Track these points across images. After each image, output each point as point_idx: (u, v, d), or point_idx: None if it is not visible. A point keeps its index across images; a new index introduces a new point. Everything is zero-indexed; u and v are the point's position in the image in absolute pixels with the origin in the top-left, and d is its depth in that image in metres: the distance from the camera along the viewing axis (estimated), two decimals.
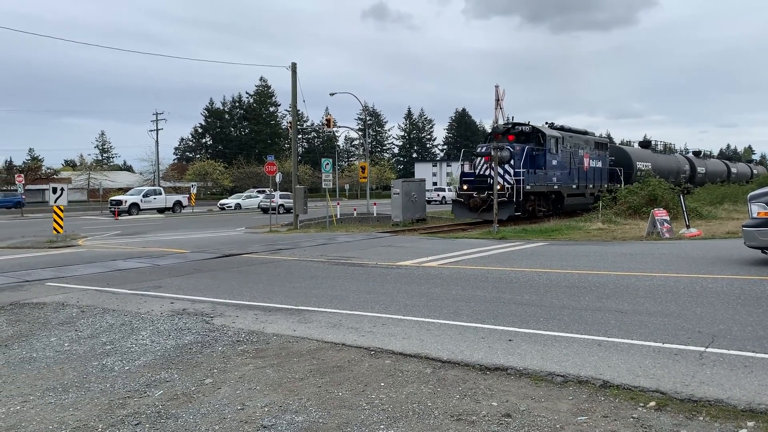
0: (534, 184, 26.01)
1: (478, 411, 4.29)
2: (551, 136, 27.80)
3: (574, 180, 29.94)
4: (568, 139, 29.94)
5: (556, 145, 28.04)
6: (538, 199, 27.16)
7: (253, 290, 9.62)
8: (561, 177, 28.56)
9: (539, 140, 27.21)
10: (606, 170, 33.99)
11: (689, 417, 4.06)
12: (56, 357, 6.05)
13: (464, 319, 7.12)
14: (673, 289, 8.61)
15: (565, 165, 29.17)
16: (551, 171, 27.65)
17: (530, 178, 25.70)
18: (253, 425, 4.15)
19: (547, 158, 27.27)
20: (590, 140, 33.08)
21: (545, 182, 27.15)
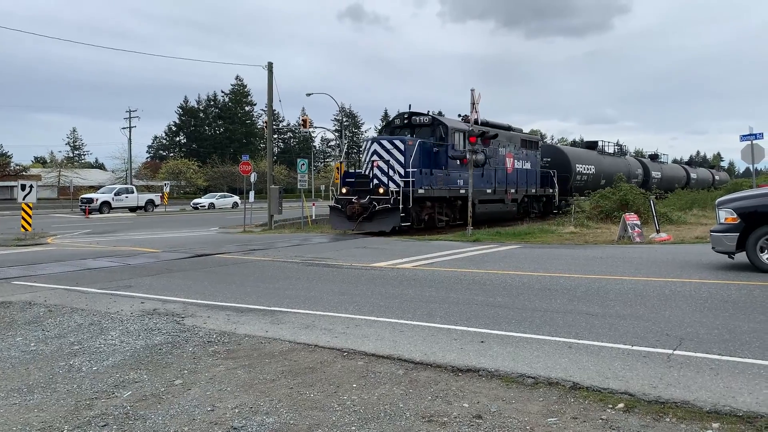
0: (429, 188, 21.63)
1: (450, 412, 4.30)
2: (455, 130, 23.39)
3: (490, 183, 25.66)
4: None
5: (463, 141, 23.25)
6: (439, 206, 23.01)
7: (225, 291, 9.54)
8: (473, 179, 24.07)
9: (441, 134, 23.00)
10: (537, 173, 30.25)
11: (656, 418, 4.12)
12: (22, 357, 5.92)
13: (437, 321, 7.14)
14: (643, 293, 8.74)
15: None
16: (456, 171, 23.18)
17: (425, 179, 21.45)
18: (223, 426, 4.11)
19: (450, 155, 22.97)
20: (515, 137, 28.98)
21: (447, 185, 22.73)
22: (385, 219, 20.31)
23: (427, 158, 22.22)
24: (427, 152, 22.35)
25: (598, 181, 35.26)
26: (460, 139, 23.46)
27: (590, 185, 34.35)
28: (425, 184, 21.40)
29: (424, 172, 21.53)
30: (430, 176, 21.80)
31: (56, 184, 74.94)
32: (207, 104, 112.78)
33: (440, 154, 22.81)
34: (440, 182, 22.42)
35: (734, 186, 39.99)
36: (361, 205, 20.65)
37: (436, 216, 22.79)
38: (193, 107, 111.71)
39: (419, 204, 21.43)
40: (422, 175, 21.30)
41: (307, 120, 40.88)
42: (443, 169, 22.73)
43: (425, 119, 23.20)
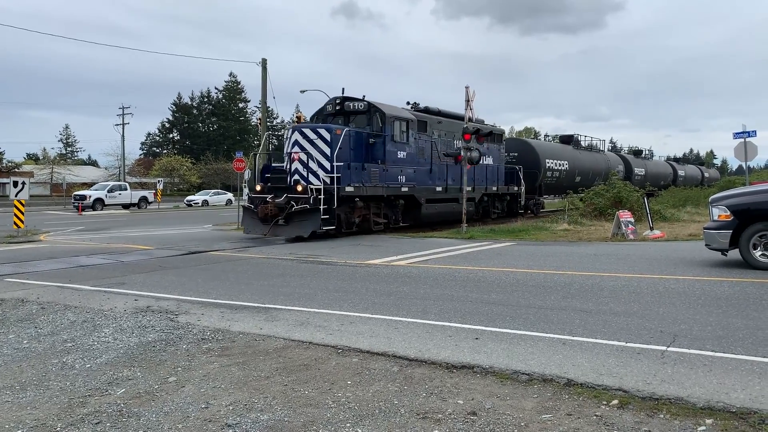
0: (361, 185, 18.54)
1: (444, 409, 4.30)
2: (394, 118, 20.27)
3: (441, 180, 22.86)
4: (434, 125, 22.96)
5: (405, 132, 20.72)
6: (375, 206, 20.05)
7: (219, 288, 9.51)
8: (416, 175, 21.31)
9: (377, 123, 19.92)
10: (500, 169, 27.25)
11: (650, 415, 4.13)
12: (14, 354, 5.89)
13: (432, 318, 7.14)
14: (637, 290, 8.77)
15: (424, 159, 21.95)
16: (397, 167, 20.29)
17: (355, 175, 18.43)
18: (217, 424, 4.10)
19: (389, 148, 19.94)
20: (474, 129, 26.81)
21: (384, 182, 19.65)
22: (303, 222, 17.26)
23: (361, 151, 19.19)
24: (361, 144, 19.31)
25: (572, 177, 33.58)
26: (402, 128, 20.56)
27: (563, 182, 32.78)
28: (355, 181, 18.35)
29: (355, 167, 18.46)
30: (361, 172, 18.70)
31: (49, 181, 74.63)
32: (201, 101, 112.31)
33: (377, 146, 19.70)
34: (376, 178, 19.23)
35: (727, 183, 40.17)
36: (276, 206, 17.41)
37: (371, 218, 19.71)
38: (186, 104, 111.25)
39: (349, 204, 18.55)
40: (351, 170, 18.26)
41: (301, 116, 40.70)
42: (380, 164, 19.55)
43: (360, 105, 20.02)
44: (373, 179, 19.14)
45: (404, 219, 21.44)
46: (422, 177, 21.66)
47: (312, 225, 17.19)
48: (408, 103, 22.91)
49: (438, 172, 22.69)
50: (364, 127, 19.82)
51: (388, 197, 20.25)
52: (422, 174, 21.71)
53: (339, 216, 17.98)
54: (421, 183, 21.54)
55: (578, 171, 34.13)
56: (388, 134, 19.88)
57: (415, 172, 21.23)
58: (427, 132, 22.29)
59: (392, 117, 20.21)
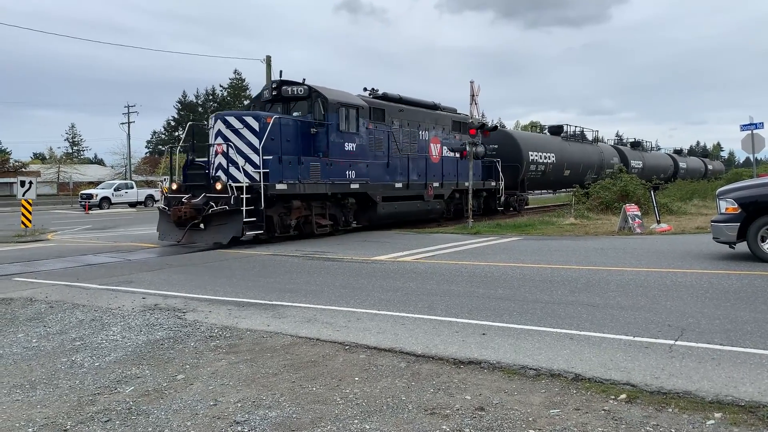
0: (297, 181, 16.07)
1: (452, 405, 4.30)
2: (339, 105, 17.75)
3: (401, 175, 20.54)
4: (393, 114, 20.54)
5: (355, 121, 18.31)
6: (319, 206, 17.53)
7: (226, 285, 9.54)
8: (369, 170, 18.93)
9: (320, 110, 17.42)
10: (476, 163, 24.40)
11: (659, 409, 4.12)
12: (24, 353, 5.92)
13: (438, 314, 7.14)
14: (644, 283, 8.74)
15: (381, 152, 19.61)
16: (345, 160, 17.94)
17: (289, 170, 15.90)
18: (225, 421, 4.11)
19: (334, 140, 17.47)
20: (443, 118, 23.61)
21: (328, 177, 17.23)
22: (222, 226, 14.85)
23: (299, 142, 16.80)
24: (299, 134, 16.88)
25: (561, 171, 31.76)
26: (350, 117, 18.13)
27: (550, 176, 31.10)
28: (289, 177, 15.87)
29: (288, 161, 15.94)
30: (298, 166, 16.18)
31: (55, 180, 74.85)
32: (206, 98, 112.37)
33: (319, 137, 17.25)
34: (317, 174, 16.79)
35: (735, 176, 39.96)
36: (192, 207, 14.80)
37: (313, 219, 17.26)
38: (191, 102, 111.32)
39: (284, 204, 16.27)
40: (284, 165, 15.75)
41: None
42: (322, 157, 17.16)
43: (299, 90, 17.57)
44: (313, 175, 16.69)
45: (358, 220, 19.25)
46: (378, 172, 19.32)
47: (232, 230, 14.80)
48: (365, 89, 20.81)
49: (398, 166, 20.48)
50: (305, 116, 17.52)
51: (335, 195, 17.85)
52: (378, 169, 19.34)
53: (271, 218, 15.81)
54: (377, 179, 19.22)
55: (567, 164, 32.11)
56: (332, 123, 17.40)
57: (368, 166, 18.84)
58: (385, 121, 19.96)
59: (337, 103, 17.68)
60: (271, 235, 15.92)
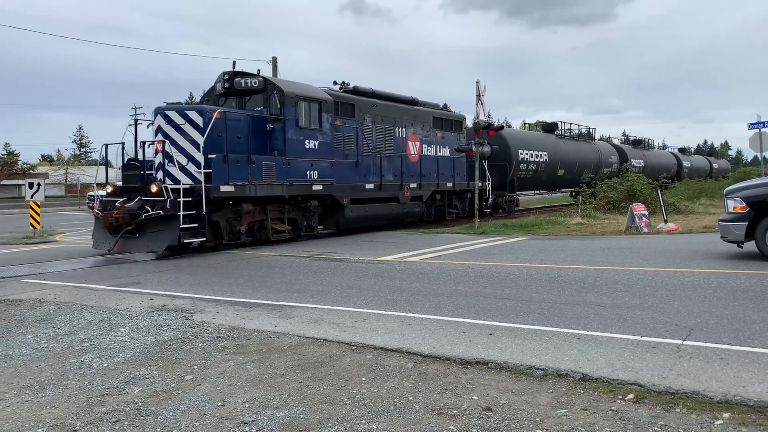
0: (247, 183, 14.60)
1: (459, 405, 4.31)
2: (298, 98, 16.13)
3: (374, 175, 19.11)
4: (365, 109, 19.02)
5: (317, 116, 16.71)
6: (276, 210, 15.93)
7: (233, 286, 9.57)
8: (335, 170, 17.37)
9: (276, 105, 15.77)
10: (461, 162, 23.48)
11: (666, 409, 4.11)
12: (33, 354, 5.96)
13: (445, 314, 7.14)
14: (652, 283, 8.72)
15: (350, 150, 18.18)
16: (305, 159, 16.33)
17: (237, 170, 14.42)
18: (233, 421, 4.13)
19: (292, 136, 15.87)
20: (422, 114, 21.93)
21: (285, 178, 15.67)
22: (158, 233, 13.33)
23: (251, 139, 15.29)
24: (251, 131, 15.35)
25: (554, 171, 30.43)
26: (311, 112, 16.50)
27: (542, 176, 29.74)
28: (237, 178, 14.39)
29: (236, 160, 14.44)
30: (248, 166, 14.66)
31: (63, 181, 75.24)
32: None
33: (276, 134, 15.67)
34: (271, 174, 15.25)
35: (743, 175, 39.78)
36: (126, 212, 13.34)
37: (269, 225, 15.62)
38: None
39: (233, 208, 14.81)
40: (231, 164, 14.28)
41: None
42: (277, 155, 15.59)
43: (253, 82, 15.93)
44: (266, 175, 15.14)
45: (325, 224, 18.03)
46: (345, 172, 17.79)
47: (167, 237, 13.20)
48: (335, 83, 19.51)
49: (371, 165, 19.01)
50: (261, 110, 15.98)
51: (294, 198, 16.29)
52: (345, 168, 17.81)
53: (218, 224, 14.47)
54: (344, 179, 17.71)
55: (561, 163, 30.73)
56: (289, 118, 15.78)
57: (333, 166, 17.27)
58: (354, 117, 18.44)
59: (295, 97, 16.05)
60: (219, 242, 14.68)
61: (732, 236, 10.81)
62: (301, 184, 16.27)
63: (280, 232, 15.98)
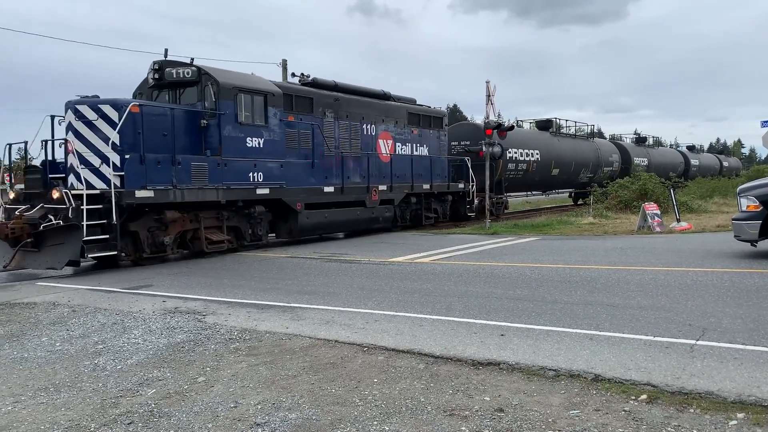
0: (171, 187, 12.82)
1: (471, 406, 4.30)
2: (238, 90, 14.26)
3: (335, 177, 17.31)
4: (326, 104, 17.23)
5: (263, 111, 14.86)
6: (212, 217, 14.12)
7: (245, 288, 9.60)
8: (285, 172, 15.48)
9: (211, 97, 13.92)
10: (440, 161, 21.71)
11: (680, 409, 4.09)
12: (48, 357, 6.02)
13: (457, 315, 7.14)
14: (664, 283, 8.67)
15: (306, 149, 16.30)
16: (247, 159, 14.44)
17: (158, 173, 12.61)
18: (246, 423, 4.15)
19: (229, 133, 14.03)
20: (395, 109, 20.19)
21: (221, 181, 13.82)
22: (59, 247, 11.55)
23: (183, 137, 13.46)
24: (180, 126, 13.44)
25: (547, 170, 28.73)
26: (254, 106, 14.68)
27: (534, 176, 27.90)
28: (158, 181, 12.60)
29: (155, 161, 12.58)
30: (171, 167, 12.85)
31: None
32: None
33: (211, 130, 13.85)
34: (203, 176, 13.46)
35: (756, 173, 39.40)
36: (27, 221, 11.73)
37: (202, 234, 13.78)
38: None
39: (155, 216, 12.94)
40: (148, 165, 12.45)
41: None
42: (211, 156, 13.79)
43: (185, 72, 13.98)
44: (196, 178, 13.34)
45: (277, 231, 16.38)
46: (298, 173, 15.98)
47: (68, 251, 11.42)
48: (293, 74, 18.03)
49: (332, 166, 17.27)
50: (194, 104, 14.11)
51: (233, 203, 14.44)
52: (299, 170, 16.01)
53: (137, 234, 12.72)
54: (297, 181, 15.90)
55: (555, 162, 28.85)
56: (226, 113, 13.96)
57: (283, 167, 15.40)
58: (312, 112, 16.70)
59: (233, 88, 14.18)
60: (139, 256, 12.85)
61: (746, 235, 10.72)
62: (242, 188, 14.43)
63: (216, 242, 14.13)
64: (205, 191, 13.55)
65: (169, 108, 13.57)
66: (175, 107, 13.77)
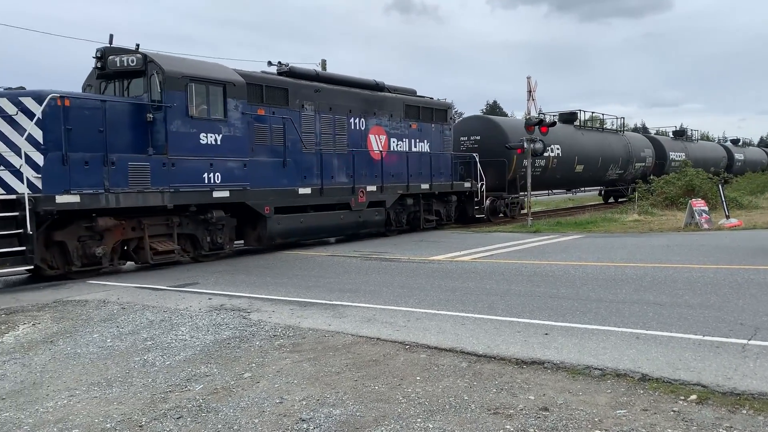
0: (102, 190, 11.15)
1: (516, 405, 4.28)
2: (189, 80, 12.43)
3: (313, 177, 15.43)
4: (303, 95, 15.26)
5: (222, 103, 13.06)
6: (160, 224, 12.41)
7: (288, 286, 9.72)
8: (253, 172, 13.77)
9: (157, 88, 12.21)
10: (444, 159, 19.84)
11: (732, 411, 3.99)
12: (99, 353, 6.21)
13: (499, 314, 7.10)
14: (713, 281, 8.45)
15: (277, 146, 14.50)
16: (202, 158, 12.70)
17: (86, 174, 10.97)
18: (291, 418, 4.21)
19: (176, 128, 12.23)
20: (389, 102, 18.13)
21: (167, 182, 12.09)
22: None
23: (122, 133, 11.84)
24: (119, 122, 11.82)
25: (570, 167, 26.27)
26: (210, 97, 12.89)
27: (555, 174, 25.59)
28: (86, 184, 10.99)
29: (81, 161, 10.97)
30: (103, 168, 11.19)
31: None
32: None
33: (157, 125, 12.10)
34: (143, 178, 11.72)
35: None
36: None
37: (147, 244, 12.05)
38: None
39: (85, 224, 11.23)
40: (72, 166, 10.84)
41: None
42: (155, 154, 12.01)
43: (130, 60, 12.29)
44: (135, 180, 11.60)
45: (245, 239, 14.67)
46: (267, 174, 14.21)
47: None
48: (270, 63, 15.97)
49: (312, 165, 15.45)
50: (141, 96, 12.40)
51: (185, 208, 12.66)
52: (267, 169, 14.22)
53: (63, 245, 11.13)
54: (265, 183, 14.11)
55: (579, 158, 26.47)
56: (174, 105, 12.18)
57: (247, 166, 13.62)
58: (288, 105, 14.79)
59: (182, 77, 12.36)
60: (67, 269, 11.24)
61: None
62: (195, 191, 12.62)
63: (164, 252, 12.34)
64: (147, 195, 11.83)
65: (109, 101, 11.84)
66: (109, 99, 11.98)
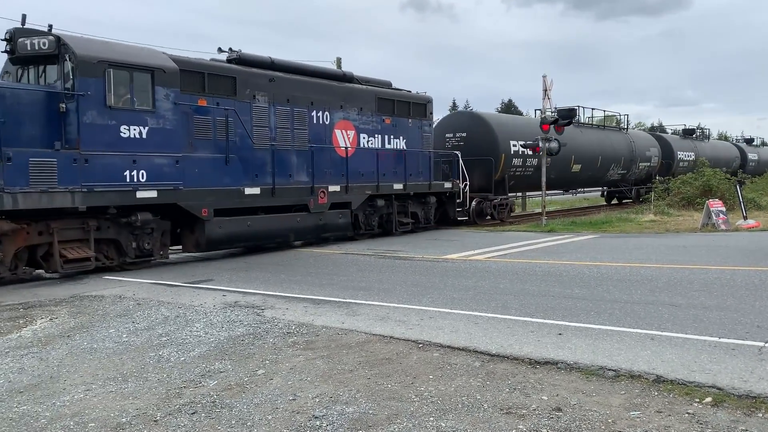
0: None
1: (528, 405, 4.27)
2: (105, 64, 10.90)
3: (264, 175, 13.91)
4: (255, 84, 13.86)
5: (148, 92, 11.61)
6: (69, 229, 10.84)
7: (301, 283, 9.76)
8: (189, 169, 12.33)
9: (68, 75, 10.79)
10: (422, 157, 18.26)
11: (748, 413, 3.95)
12: (115, 348, 6.27)
13: (513, 313, 7.08)
14: (730, 282, 8.37)
15: (220, 141, 12.97)
16: (123, 154, 11.20)
17: None
18: (304, 415, 4.23)
19: (92, 120, 10.79)
20: (359, 94, 16.60)
21: (80, 182, 10.60)
22: None
23: (28, 125, 10.49)
24: (22, 112, 10.44)
25: (566, 166, 24.36)
26: (134, 85, 11.44)
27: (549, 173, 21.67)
28: None
29: None
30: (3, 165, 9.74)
31: None
32: None
33: (69, 116, 10.76)
34: (49, 177, 10.22)
35: None
36: None
37: (56, 251, 10.60)
38: None
39: None
40: None
41: None
42: (65, 149, 10.62)
43: (42, 43, 10.85)
44: (39, 178, 10.12)
45: (183, 244, 13.27)
46: (206, 172, 12.72)
47: None
48: (220, 50, 14.35)
49: (263, 163, 13.94)
50: (54, 83, 11.06)
51: (103, 210, 11.30)
52: (206, 167, 12.76)
53: None
54: (203, 182, 12.62)
55: (576, 157, 24.59)
56: (88, 94, 10.75)
57: (179, 163, 12.11)
58: (236, 95, 13.39)
59: (99, 62, 10.93)
60: None
61: None
62: (113, 191, 11.15)
63: (76, 260, 10.88)
64: (53, 195, 10.36)
65: (8, 89, 10.57)
66: (7, 86, 10.73)
